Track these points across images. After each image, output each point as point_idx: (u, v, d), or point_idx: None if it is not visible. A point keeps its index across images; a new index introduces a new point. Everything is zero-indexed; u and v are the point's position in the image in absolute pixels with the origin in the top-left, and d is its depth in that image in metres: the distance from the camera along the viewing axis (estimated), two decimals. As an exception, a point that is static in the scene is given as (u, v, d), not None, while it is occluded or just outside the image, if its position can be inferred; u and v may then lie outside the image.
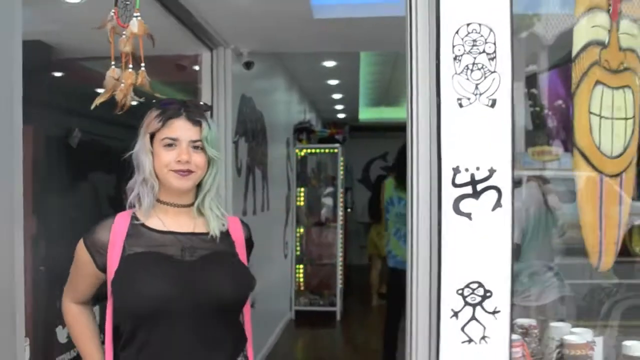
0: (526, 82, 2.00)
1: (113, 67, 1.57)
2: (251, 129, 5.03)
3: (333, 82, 7.02)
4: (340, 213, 7.30)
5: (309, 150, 7.42)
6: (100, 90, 1.64)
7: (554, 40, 1.69)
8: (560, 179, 2.39)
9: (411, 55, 1.34)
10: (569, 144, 1.54)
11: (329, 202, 7.47)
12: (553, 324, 1.81)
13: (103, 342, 1.69)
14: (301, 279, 7.20)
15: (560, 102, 2.01)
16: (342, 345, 6.26)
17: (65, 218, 2.85)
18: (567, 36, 1.52)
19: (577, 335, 1.66)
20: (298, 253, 7.19)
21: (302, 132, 7.37)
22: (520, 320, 1.84)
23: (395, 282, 4.45)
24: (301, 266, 7.20)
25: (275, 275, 6.12)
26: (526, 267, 2.58)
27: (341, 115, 9.79)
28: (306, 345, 6.29)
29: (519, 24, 1.39)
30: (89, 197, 3.82)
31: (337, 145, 7.39)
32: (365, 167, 10.45)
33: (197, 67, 4.12)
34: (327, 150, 7.44)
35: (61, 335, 2.19)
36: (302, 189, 7.27)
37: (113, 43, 1.57)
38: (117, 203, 1.81)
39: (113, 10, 1.58)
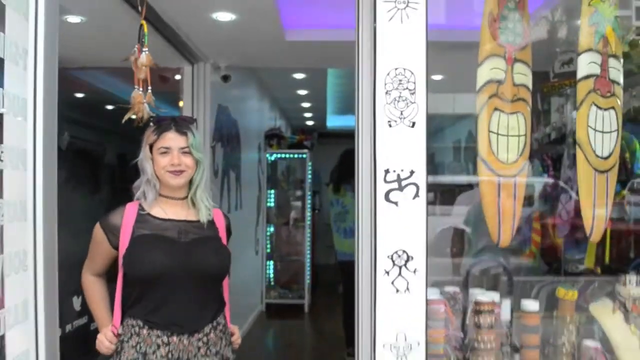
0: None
1: (136, 90, 2.05)
2: (227, 135, 5.49)
3: (302, 92, 7.46)
4: (308, 214, 7.74)
5: (279, 155, 7.77)
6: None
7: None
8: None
9: (358, 90, 1.85)
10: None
11: (298, 204, 7.91)
12: (472, 289, 2.34)
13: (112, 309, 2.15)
14: (271, 274, 7.63)
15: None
16: (310, 334, 6.70)
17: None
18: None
19: (485, 296, 2.19)
20: (268, 250, 7.61)
21: (272, 138, 7.74)
22: (447, 288, 2.37)
23: (346, 273, 5.03)
24: (271, 262, 7.63)
25: (247, 270, 6.56)
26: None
27: (310, 123, 10.18)
28: (277, 334, 6.72)
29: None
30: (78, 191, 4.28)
31: (305, 150, 7.78)
32: (333, 171, 10.85)
33: (178, 77, 4.56)
34: (296, 156, 7.80)
35: (76, 304, 2.64)
36: (273, 191, 7.66)
37: (136, 71, 2.05)
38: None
39: (136, 46, 2.05)
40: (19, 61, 1.69)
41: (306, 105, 8.52)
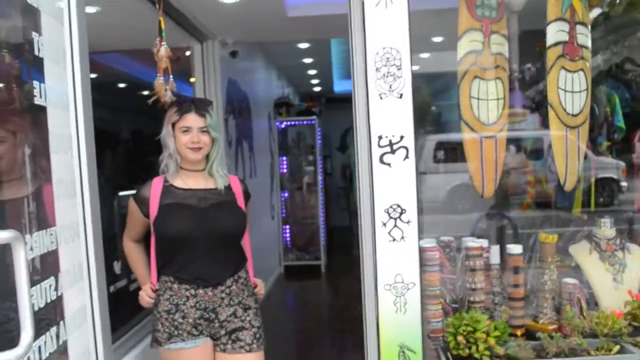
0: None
1: (159, 78, 2.33)
2: (237, 107, 5.76)
3: (308, 60, 7.67)
4: (319, 178, 8.05)
5: (288, 123, 8.03)
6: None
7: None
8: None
9: (352, 68, 2.11)
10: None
11: (310, 169, 8.19)
12: (464, 238, 2.63)
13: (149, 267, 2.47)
14: (288, 238, 7.97)
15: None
16: (326, 292, 7.07)
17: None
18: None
19: (475, 242, 2.48)
20: (284, 215, 7.94)
21: (281, 106, 8.01)
22: (442, 237, 2.66)
23: None
24: (287, 226, 7.97)
25: (265, 235, 6.90)
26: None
27: (317, 89, 10.36)
28: (295, 294, 7.10)
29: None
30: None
31: (314, 117, 8.04)
32: (342, 135, 11.13)
33: (188, 53, 4.80)
34: (305, 122, 8.04)
35: (117, 267, 2.98)
36: (285, 158, 7.96)
37: (158, 62, 2.33)
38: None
39: (158, 39, 2.33)
40: (60, 61, 1.98)
41: (312, 72, 8.71)
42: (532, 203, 3.81)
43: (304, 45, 6.60)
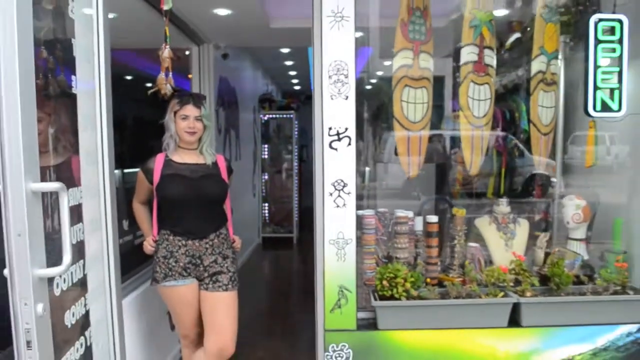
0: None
1: (161, 74, 2.67)
2: (227, 101, 6.09)
3: (289, 62, 7.99)
4: (295, 164, 8.40)
5: (270, 116, 8.36)
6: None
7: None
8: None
9: (312, 75, 2.48)
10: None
11: (289, 157, 8.54)
12: (396, 210, 3.01)
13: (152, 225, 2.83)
14: (267, 214, 8.33)
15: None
16: (297, 260, 7.43)
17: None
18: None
19: (402, 212, 2.87)
20: (264, 194, 8.29)
21: (265, 101, 8.32)
22: (379, 209, 3.04)
23: None
24: (266, 204, 8.32)
25: (246, 210, 7.25)
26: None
27: (297, 87, 10.70)
28: (271, 261, 7.46)
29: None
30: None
31: (292, 112, 8.38)
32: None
33: (188, 53, 5.11)
34: (284, 116, 8.38)
35: (125, 225, 3.32)
36: (266, 146, 8.30)
37: (162, 62, 2.67)
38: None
39: (163, 45, 2.67)
40: (89, 59, 2.31)
41: (293, 73, 9.02)
42: (460, 188, 4.18)
43: (285, 50, 6.92)
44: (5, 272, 1.61)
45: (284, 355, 3.92)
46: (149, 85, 2.84)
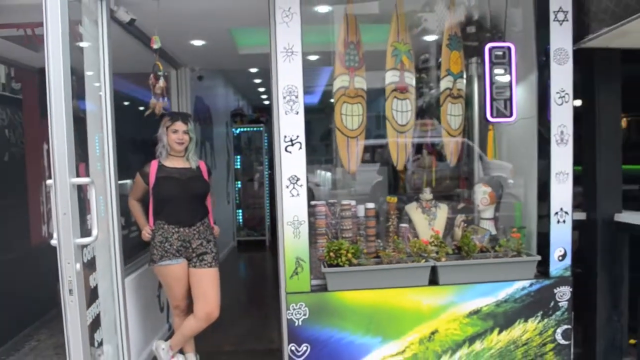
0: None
1: (153, 99, 3.37)
2: (202, 117, 6.78)
3: (257, 80, 8.70)
4: (266, 173, 9.08)
5: (242, 129, 9.01)
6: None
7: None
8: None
9: (272, 96, 3.20)
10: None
11: (260, 168, 9.21)
12: (342, 200, 3.73)
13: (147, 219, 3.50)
14: (241, 219, 8.98)
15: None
16: (269, 261, 8.07)
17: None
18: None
19: (346, 201, 3.59)
20: (237, 201, 8.94)
21: (236, 116, 9.02)
22: (330, 200, 3.76)
23: None
24: (240, 210, 8.98)
25: (222, 216, 7.90)
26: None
27: (266, 102, 11.39)
28: (245, 262, 8.11)
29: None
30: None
31: (262, 125, 9.08)
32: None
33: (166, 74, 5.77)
34: (254, 129, 9.05)
35: (121, 220, 3.98)
36: (238, 157, 8.97)
37: (154, 90, 3.37)
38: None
39: (152, 75, 3.37)
40: (98, 77, 3.01)
41: (262, 89, 9.71)
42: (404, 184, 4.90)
43: (254, 70, 7.63)
44: (53, 241, 2.29)
45: (257, 330, 4.61)
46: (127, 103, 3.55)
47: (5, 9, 3.56)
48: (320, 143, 6.26)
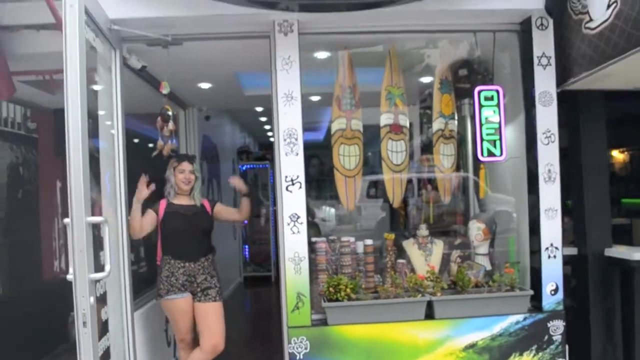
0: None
1: (160, 140, 3.61)
2: (209, 155, 7.03)
3: (263, 118, 8.97)
4: (272, 209, 9.27)
5: (248, 166, 9.23)
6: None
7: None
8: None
9: (275, 138, 3.42)
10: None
11: (266, 203, 9.41)
12: (343, 237, 3.90)
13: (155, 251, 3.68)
14: (247, 254, 9.13)
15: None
16: (275, 296, 8.17)
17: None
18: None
19: (346, 238, 3.77)
20: (244, 237, 9.12)
21: (243, 153, 9.29)
22: (330, 237, 3.93)
23: None
24: (246, 245, 9.14)
25: (228, 252, 8.07)
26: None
27: (272, 139, 11.60)
28: (251, 297, 8.25)
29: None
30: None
31: (267, 162, 9.33)
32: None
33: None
34: (260, 166, 9.28)
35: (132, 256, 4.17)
36: (245, 193, 9.17)
37: (162, 132, 3.60)
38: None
39: (159, 118, 3.61)
40: (111, 118, 3.25)
41: (267, 127, 9.97)
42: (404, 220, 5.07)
43: (259, 108, 7.90)
44: (69, 276, 2.48)
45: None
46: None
47: (25, 57, 3.84)
48: (327, 178, 6.47)
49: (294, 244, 3.37)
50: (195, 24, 3.43)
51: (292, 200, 3.36)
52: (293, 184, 3.36)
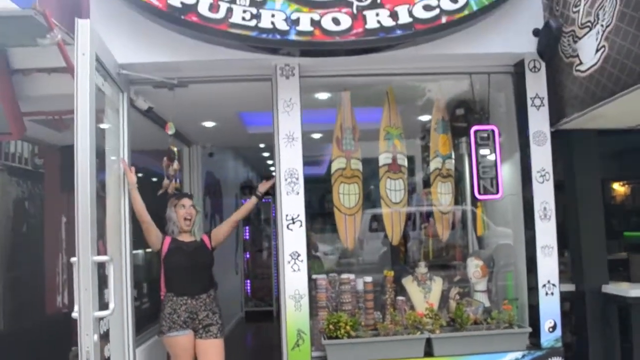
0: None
1: (166, 180, 3.72)
2: (213, 191, 7.13)
3: (266, 154, 9.12)
4: (274, 244, 9.30)
5: (251, 201, 9.33)
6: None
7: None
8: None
9: (276, 177, 3.52)
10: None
11: (268, 236, 9.45)
12: (343, 274, 3.96)
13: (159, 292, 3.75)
14: (248, 289, 9.14)
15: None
16: (276, 332, 8.13)
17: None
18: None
19: (346, 275, 3.83)
20: (246, 271, 9.15)
21: (245, 188, 9.33)
22: (330, 274, 3.99)
23: None
24: (248, 280, 9.16)
25: (230, 287, 8.08)
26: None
27: (274, 173, 11.78)
28: (253, 333, 8.22)
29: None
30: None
31: (270, 197, 9.38)
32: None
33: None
34: (263, 201, 9.33)
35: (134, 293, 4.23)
36: (247, 227, 9.26)
37: (167, 171, 3.72)
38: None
39: (165, 158, 3.73)
40: (118, 153, 3.36)
41: (270, 162, 10.11)
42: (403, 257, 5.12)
43: (262, 145, 8.04)
44: (74, 314, 2.55)
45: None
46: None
47: (36, 99, 3.99)
48: (331, 212, 6.53)
49: (294, 281, 3.44)
50: (200, 68, 3.58)
51: (293, 239, 3.44)
52: (294, 223, 3.44)
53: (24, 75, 3.78)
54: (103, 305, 2.71)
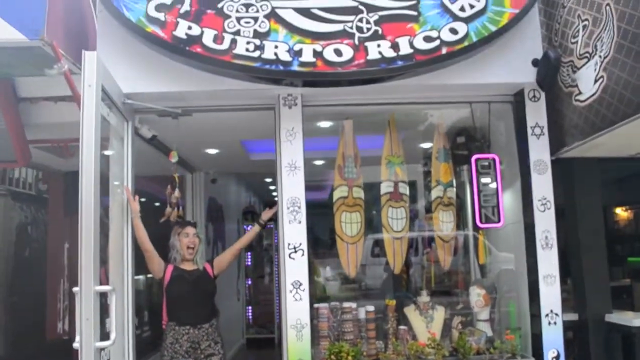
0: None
1: (169, 208, 3.74)
2: (215, 217, 7.15)
3: (268, 179, 9.16)
4: (275, 270, 9.27)
5: (252, 226, 9.29)
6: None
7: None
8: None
9: (278, 206, 3.54)
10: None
11: (270, 263, 9.42)
12: (344, 303, 3.95)
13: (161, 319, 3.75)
14: (250, 316, 9.08)
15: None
16: (277, 358, 8.13)
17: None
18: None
19: (347, 304, 3.82)
20: (247, 298, 9.10)
21: (248, 213, 9.34)
22: (332, 303, 3.98)
23: None
24: (250, 307, 9.10)
25: (231, 313, 8.04)
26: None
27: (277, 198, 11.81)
28: (254, 360, 8.16)
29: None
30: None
31: (272, 223, 9.38)
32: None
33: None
34: (266, 227, 9.36)
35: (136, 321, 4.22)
36: (249, 253, 9.24)
37: (169, 199, 3.74)
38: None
39: (169, 186, 3.76)
40: (121, 181, 3.38)
41: (272, 187, 10.15)
42: (405, 284, 5.11)
43: (264, 169, 8.09)
44: (75, 344, 2.55)
45: None
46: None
47: (42, 126, 4.05)
48: (333, 238, 6.53)
49: (296, 310, 3.43)
50: (204, 97, 3.63)
51: (295, 268, 3.45)
52: (296, 252, 3.45)
53: (31, 103, 3.85)
54: (104, 335, 2.71)
